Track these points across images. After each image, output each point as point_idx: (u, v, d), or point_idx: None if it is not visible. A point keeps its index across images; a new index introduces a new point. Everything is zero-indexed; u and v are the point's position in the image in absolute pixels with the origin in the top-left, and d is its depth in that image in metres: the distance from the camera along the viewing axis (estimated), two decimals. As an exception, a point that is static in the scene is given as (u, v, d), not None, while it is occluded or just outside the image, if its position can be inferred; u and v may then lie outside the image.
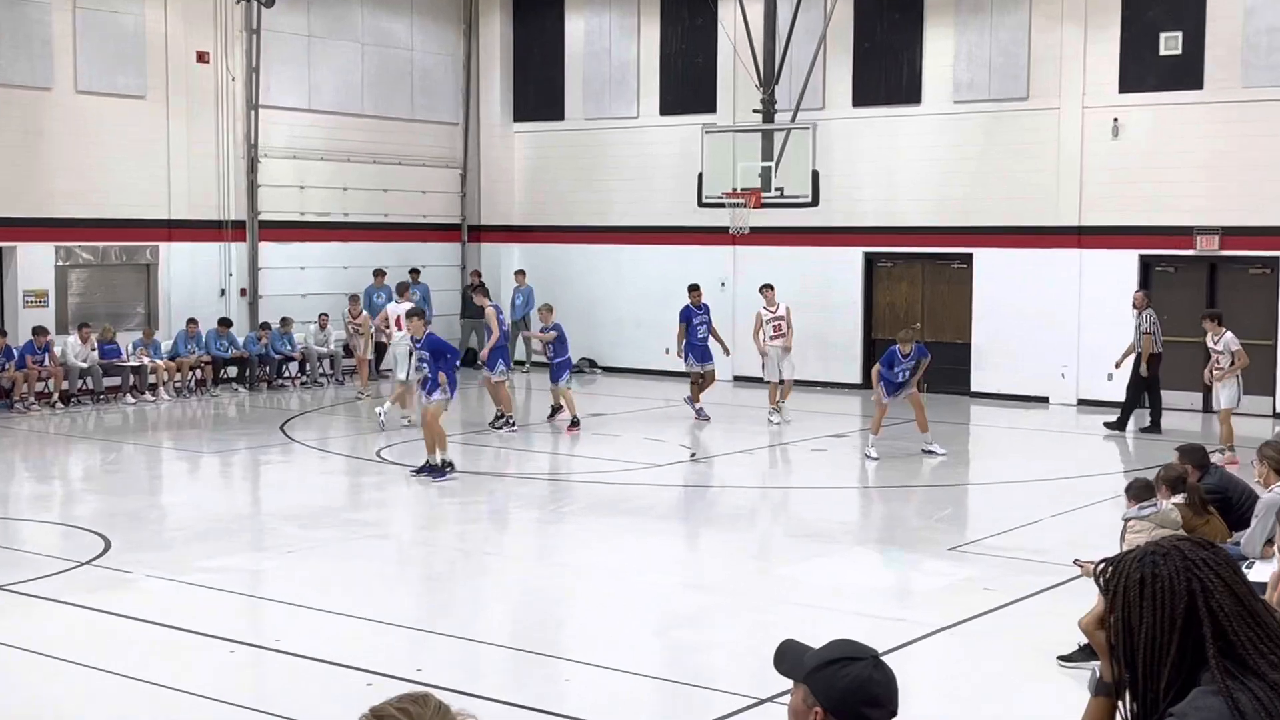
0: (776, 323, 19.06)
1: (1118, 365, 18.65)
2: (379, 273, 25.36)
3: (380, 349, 22.58)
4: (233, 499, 14.68)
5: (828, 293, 23.49)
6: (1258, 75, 19.89)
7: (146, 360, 21.29)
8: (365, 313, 23.13)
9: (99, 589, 10.24)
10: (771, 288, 19.57)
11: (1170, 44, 20.55)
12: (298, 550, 11.61)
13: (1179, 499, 9.07)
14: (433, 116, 26.59)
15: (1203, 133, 20.24)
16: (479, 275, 26.66)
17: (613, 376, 25.29)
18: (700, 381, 19.18)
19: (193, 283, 22.99)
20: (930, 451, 16.42)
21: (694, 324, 19.31)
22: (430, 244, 26.68)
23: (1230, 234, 20.21)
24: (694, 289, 19.74)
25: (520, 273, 26.13)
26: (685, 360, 19.45)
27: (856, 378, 23.02)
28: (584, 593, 10.48)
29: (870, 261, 23.43)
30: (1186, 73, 20.41)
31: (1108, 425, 18.61)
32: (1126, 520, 9.01)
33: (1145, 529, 8.66)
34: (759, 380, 21.78)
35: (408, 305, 18.37)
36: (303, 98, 24.42)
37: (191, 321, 22.09)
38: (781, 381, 19.19)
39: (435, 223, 26.80)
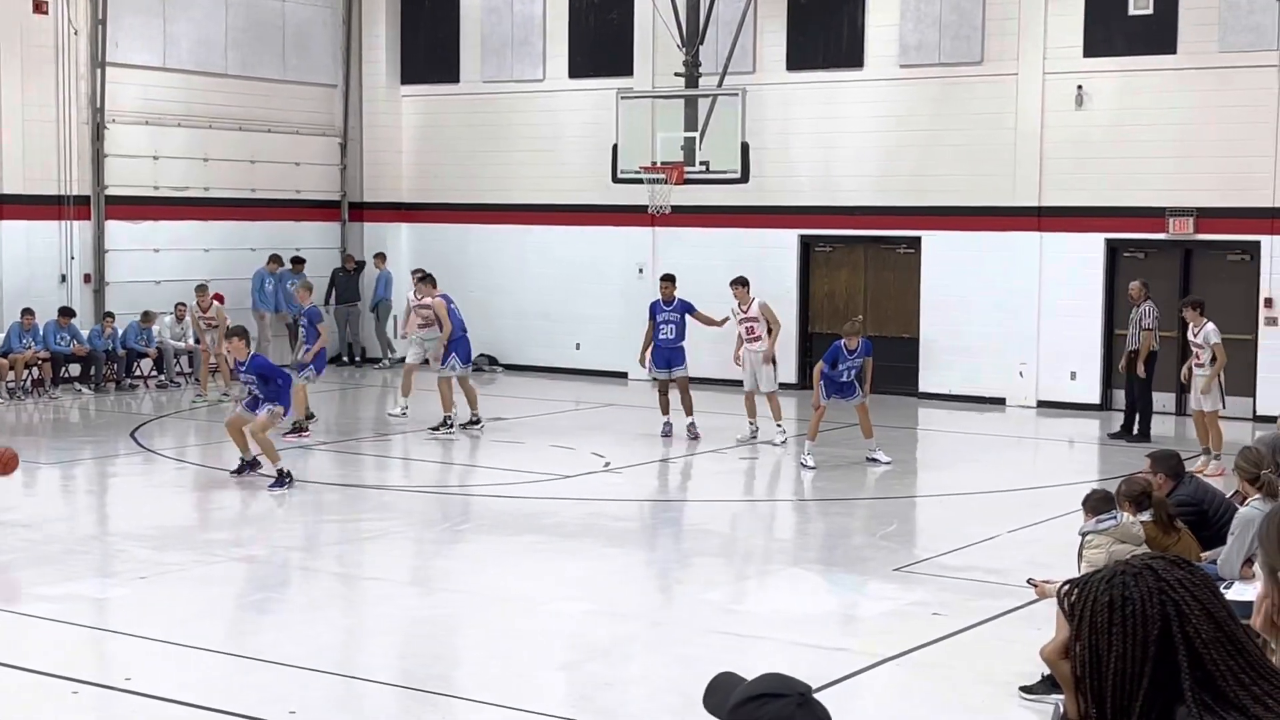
0: (749, 324, 18.18)
1: (1123, 368, 18.69)
2: (275, 258, 25.14)
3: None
4: (75, 517, 14.43)
5: (759, 281, 23.48)
6: (1238, 38, 20.24)
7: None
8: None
9: (-83, 623, 10.02)
10: (744, 283, 18.67)
11: (1140, 3, 20.88)
12: (150, 576, 11.44)
13: (1145, 517, 9.20)
14: (308, 77, 26.34)
15: (1176, 102, 20.57)
16: (354, 260, 26.52)
17: (515, 376, 25.22)
18: (667, 391, 18.33)
19: (28, 267, 22.56)
20: (875, 460, 16.58)
21: (658, 322, 18.46)
22: (305, 223, 26.43)
23: (1206, 216, 20.56)
24: (667, 280, 18.92)
25: (380, 256, 26.05)
26: (648, 366, 18.73)
27: (791, 376, 23.13)
28: (482, 623, 10.43)
29: (807, 245, 23.58)
30: (1158, 35, 20.74)
31: (1113, 436, 18.68)
32: (1083, 535, 9.12)
33: (1104, 544, 8.79)
34: (695, 380, 21.80)
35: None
36: (157, 54, 24.07)
37: (27, 312, 21.67)
38: (761, 394, 18.01)
39: (311, 199, 26.56)
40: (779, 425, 17.90)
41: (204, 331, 22.25)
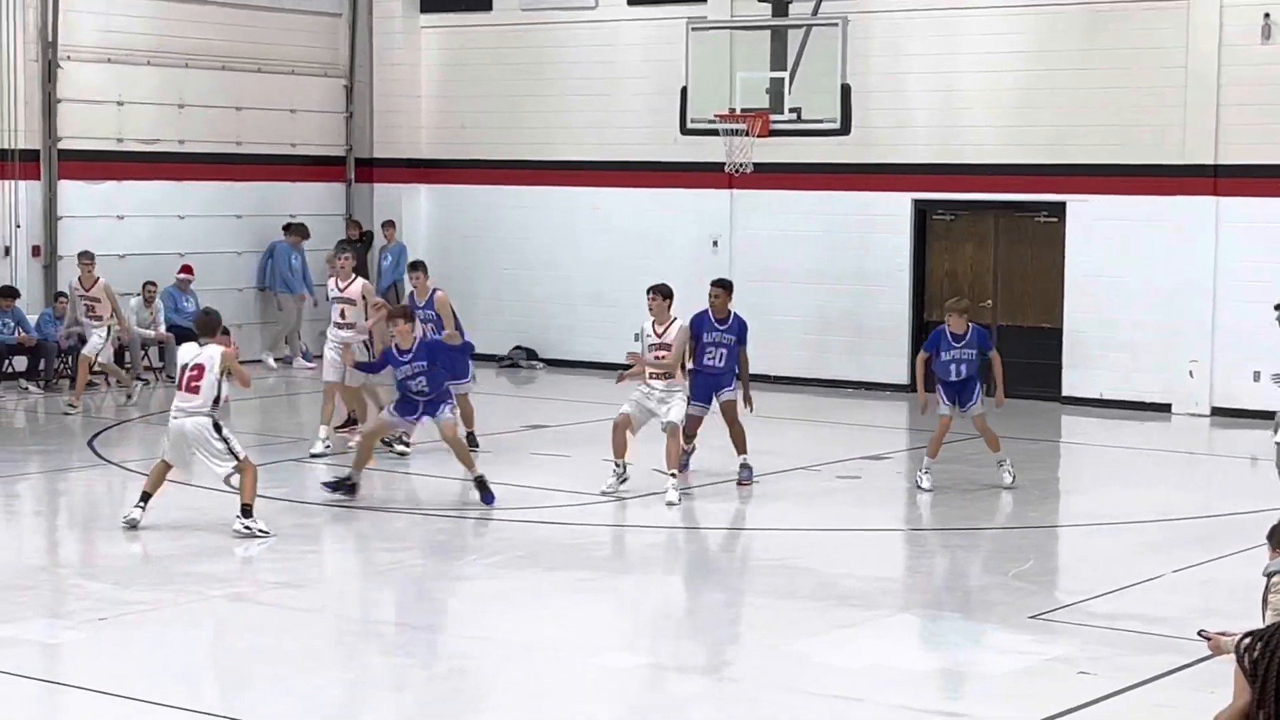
0: (660, 353, 16.00)
1: None
2: (292, 228, 25.40)
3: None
4: (20, 545, 14.58)
5: (863, 257, 23.57)
6: None
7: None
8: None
9: None
10: (664, 294, 16.20)
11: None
12: (111, 617, 11.54)
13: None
14: (306, 4, 26.51)
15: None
16: (360, 227, 26.66)
17: (560, 373, 25.27)
18: (695, 432, 16.96)
19: (-36, 237, 22.87)
20: (1003, 470, 16.41)
21: (703, 342, 16.78)
22: (302, 184, 26.62)
23: None
24: (721, 288, 17.08)
25: (390, 224, 26.18)
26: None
27: (902, 376, 23.04)
28: (515, 677, 10.46)
29: (922, 213, 23.50)
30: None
31: None
32: (1269, 576, 9.05)
33: (1295, 589, 8.71)
34: (765, 378, 21.86)
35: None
36: (122, -24, 24.35)
37: None
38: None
39: (309, 154, 26.73)
40: (673, 475, 15.77)
41: (84, 321, 21.57)
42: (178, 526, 14.44)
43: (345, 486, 15.60)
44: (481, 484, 15.36)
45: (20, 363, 22.67)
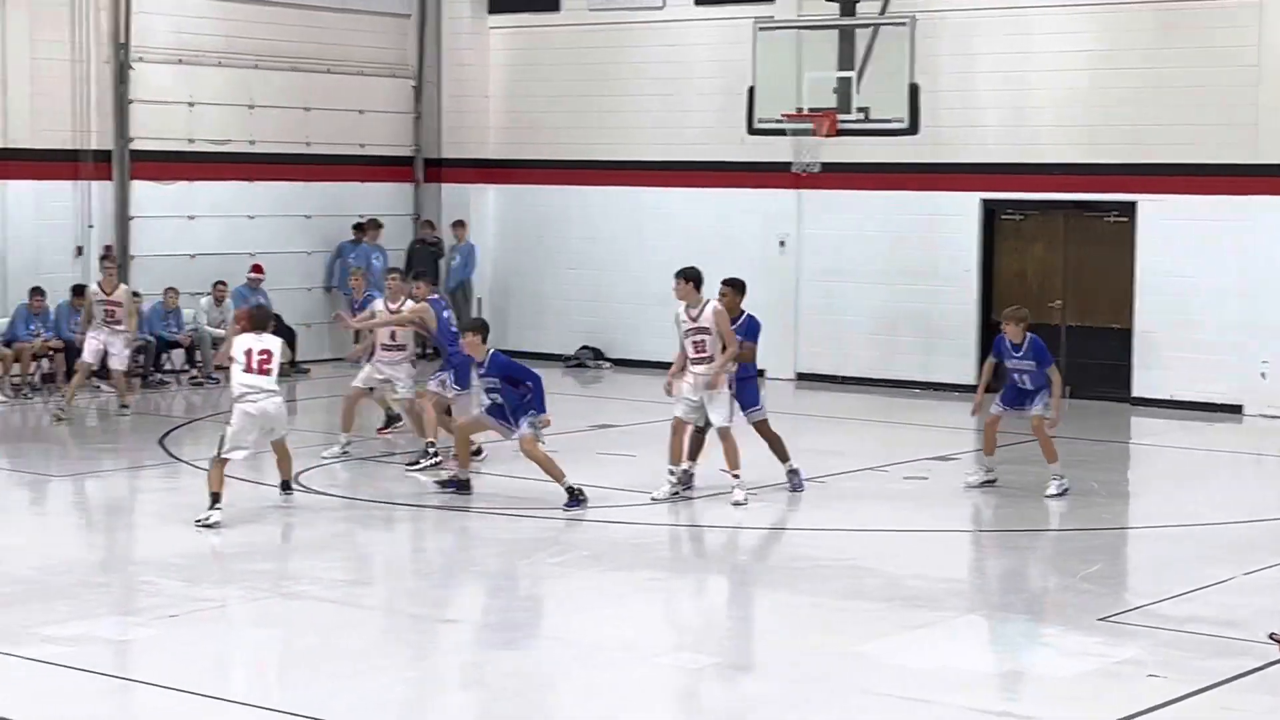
0: (697, 338, 15.75)
1: None
2: (361, 226, 25.54)
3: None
4: (92, 542, 14.70)
5: (932, 257, 23.48)
6: None
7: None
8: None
9: (-97, 666, 10.29)
10: (689, 277, 15.89)
11: None
12: (181, 614, 11.63)
13: None
14: (375, 5, 26.62)
15: None
16: (434, 229, 26.74)
17: (626, 372, 25.28)
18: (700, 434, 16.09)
19: (37, 237, 23.07)
20: (1052, 481, 16.12)
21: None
22: (371, 184, 26.74)
23: None
24: (729, 286, 16.42)
25: (460, 224, 26.21)
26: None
27: (970, 376, 22.93)
28: (580, 677, 10.48)
29: (991, 212, 23.40)
30: None
31: None
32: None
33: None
34: (832, 379, 21.85)
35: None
36: (193, -22, 24.53)
37: (36, 293, 22.16)
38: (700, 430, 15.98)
39: (378, 155, 26.84)
40: (736, 475, 15.64)
41: (102, 325, 20.49)
42: (247, 524, 14.53)
43: (455, 484, 15.81)
44: (572, 493, 15.27)
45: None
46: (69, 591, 12.18)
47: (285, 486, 15.05)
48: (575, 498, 15.23)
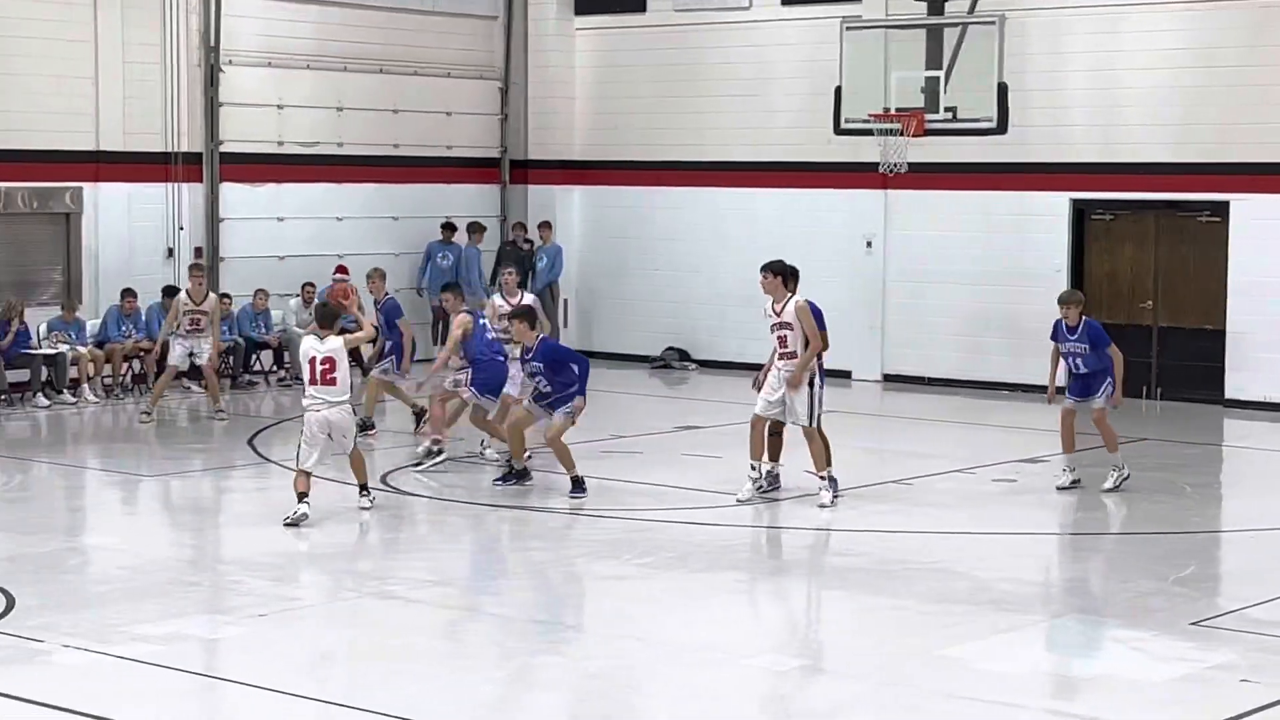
0: (780, 333, 15.58)
1: None
2: (450, 226, 25.68)
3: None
4: (182, 541, 14.84)
5: (1020, 258, 23.33)
6: None
7: (65, 348, 21.61)
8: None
9: (-3, 663, 10.42)
10: (775, 271, 15.72)
11: None
12: (271, 613, 11.72)
13: None
14: (462, 7, 26.73)
15: None
16: (524, 230, 26.81)
17: (711, 374, 25.26)
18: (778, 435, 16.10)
19: (129, 239, 23.30)
20: (1111, 472, 16.22)
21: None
22: (458, 186, 26.86)
23: None
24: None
25: (546, 226, 26.23)
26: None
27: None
28: (667, 678, 10.47)
29: (1081, 212, 23.23)
30: None
31: None
32: None
33: None
34: (919, 380, 21.78)
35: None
36: (282, -19, 24.72)
37: (128, 294, 22.39)
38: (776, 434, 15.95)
39: (465, 156, 26.95)
40: (823, 477, 15.57)
41: (186, 333, 20.36)
42: (334, 524, 14.62)
43: (516, 475, 16.00)
44: (577, 482, 15.77)
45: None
46: (159, 591, 12.30)
47: (363, 490, 15.01)
48: (579, 486, 15.68)
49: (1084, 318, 16.45)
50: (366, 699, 9.78)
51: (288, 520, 14.31)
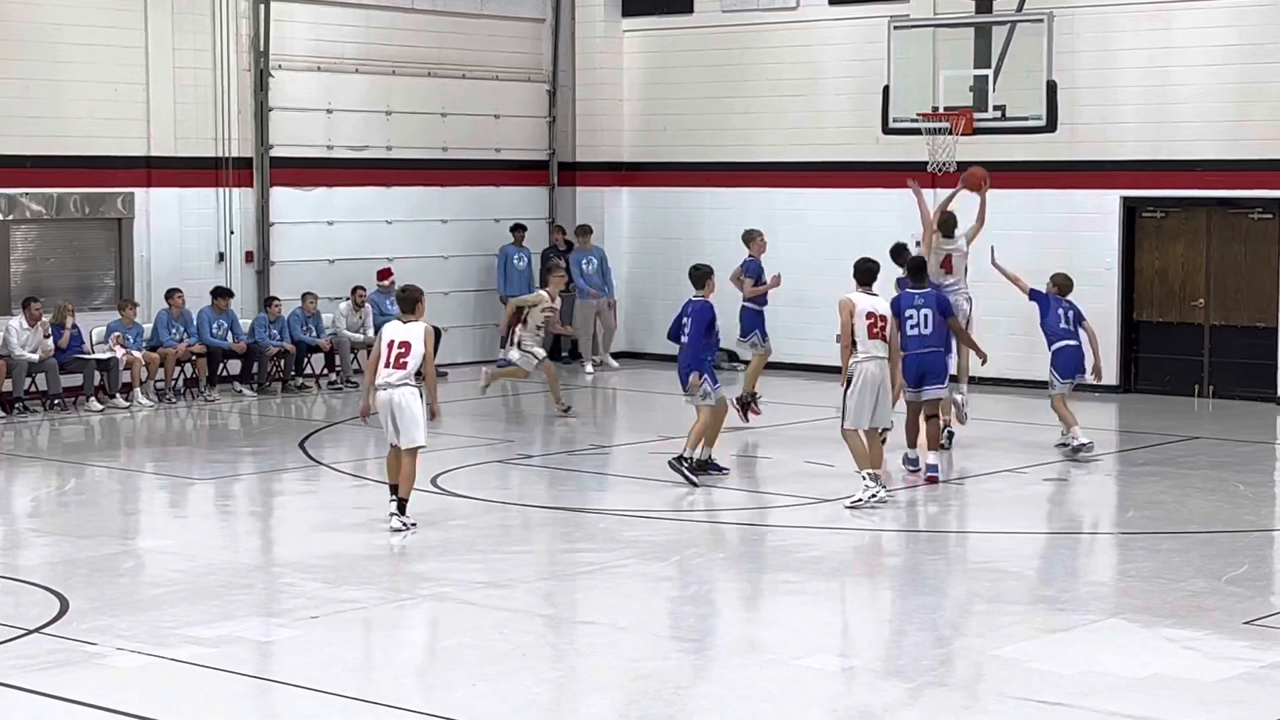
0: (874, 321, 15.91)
1: None
2: (520, 227, 25.98)
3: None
4: (235, 544, 14.92)
5: (1071, 256, 23.17)
6: None
7: (120, 351, 21.72)
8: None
9: (51, 667, 10.46)
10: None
11: None
12: (324, 615, 11.77)
13: None
14: (510, 10, 26.78)
15: None
16: (563, 232, 26.81)
17: (762, 375, 25.21)
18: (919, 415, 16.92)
19: (180, 244, 23.44)
20: (1066, 445, 17.67)
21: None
22: (507, 189, 26.89)
23: None
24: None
25: (585, 230, 26.19)
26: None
27: (1111, 376, 22.68)
28: (719, 679, 10.47)
29: (1132, 211, 23.12)
30: None
31: None
32: None
33: None
34: (969, 379, 21.66)
35: None
36: (331, -14, 24.82)
37: (174, 293, 22.48)
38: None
39: (513, 159, 27.00)
40: (864, 475, 15.63)
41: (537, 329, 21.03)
42: (386, 526, 14.66)
43: (712, 467, 16.48)
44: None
45: (234, 366, 23.17)
46: (212, 593, 12.36)
47: (400, 507, 14.43)
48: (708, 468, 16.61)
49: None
50: (418, 701, 9.80)
51: (394, 529, 14.30)
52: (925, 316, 16.66)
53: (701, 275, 16.75)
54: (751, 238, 20.55)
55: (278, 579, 13.11)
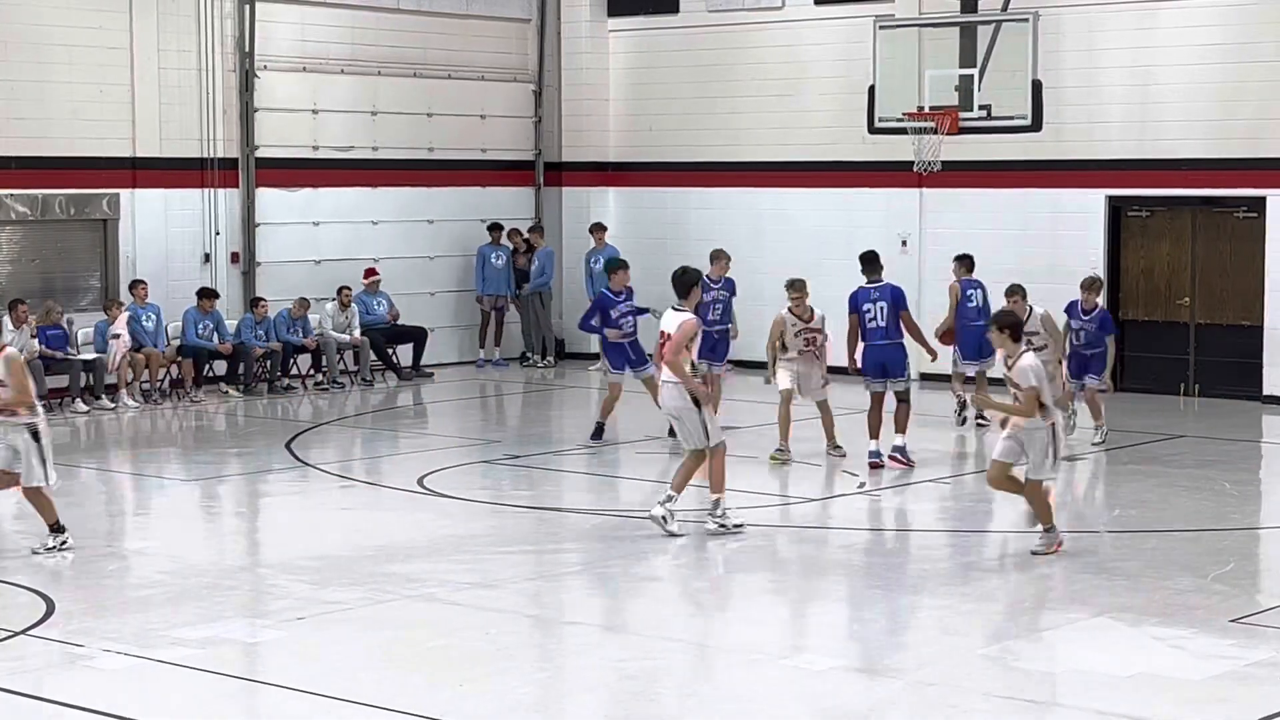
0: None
1: None
2: (496, 227, 25.88)
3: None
4: (221, 545, 14.90)
5: (1056, 255, 23.24)
6: None
7: (124, 345, 21.66)
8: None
9: (37, 669, 10.46)
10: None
11: None
12: (310, 617, 11.76)
13: None
14: (495, 10, 26.77)
15: None
16: (520, 234, 26.66)
17: (749, 374, 25.25)
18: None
19: (165, 245, 23.40)
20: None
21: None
22: (493, 189, 26.89)
23: None
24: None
25: (599, 228, 26.20)
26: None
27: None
28: (705, 679, 10.48)
29: (1117, 210, 23.15)
30: None
31: None
32: None
33: None
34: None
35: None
36: (316, -14, 24.80)
37: (138, 284, 22.44)
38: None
39: (499, 159, 26.99)
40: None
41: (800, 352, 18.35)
42: (373, 526, 14.65)
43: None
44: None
45: (220, 367, 23.15)
46: (199, 594, 12.35)
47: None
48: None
49: (1100, 307, 18.56)
50: (405, 702, 9.80)
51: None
52: (881, 309, 17.00)
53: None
54: (716, 257, 20.39)
55: (264, 580, 13.10)
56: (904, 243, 24.21)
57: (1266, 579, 13.46)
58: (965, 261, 20.02)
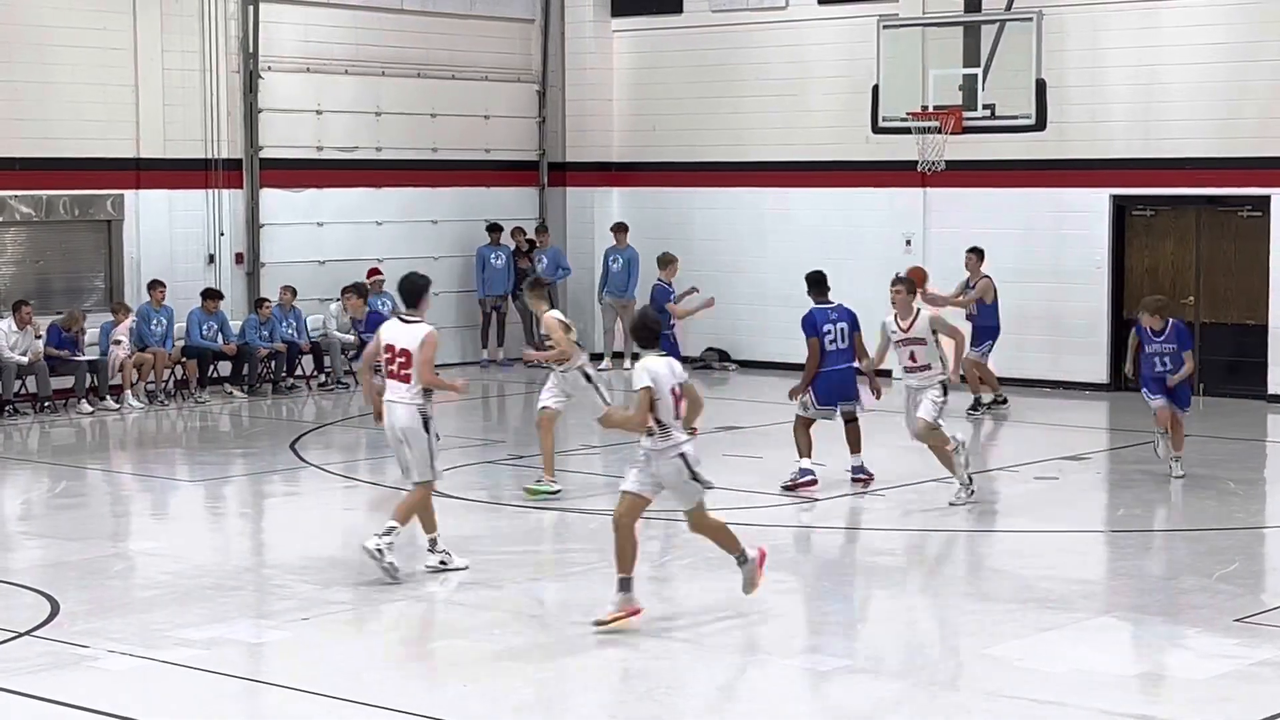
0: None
1: None
2: (495, 228, 25.88)
3: None
4: (225, 546, 14.90)
5: (1061, 255, 23.26)
6: None
7: (124, 352, 21.69)
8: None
9: (42, 669, 10.46)
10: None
11: None
12: (314, 617, 11.77)
13: None
14: (499, 11, 26.78)
15: None
16: (523, 233, 26.64)
17: (752, 374, 25.25)
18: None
19: (170, 246, 23.41)
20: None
21: (821, 330, 16.29)
22: (496, 189, 26.89)
23: None
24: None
25: (621, 228, 26.20)
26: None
27: (1101, 375, 22.75)
28: (708, 678, 10.48)
29: (1121, 209, 23.14)
30: None
31: None
32: None
33: None
34: (961, 377, 21.68)
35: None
36: (319, -13, 24.82)
37: (211, 295, 22.55)
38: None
39: (503, 159, 27.00)
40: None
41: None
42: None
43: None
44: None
45: (224, 367, 23.16)
46: (203, 595, 12.36)
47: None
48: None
49: (1170, 320, 16.53)
50: (409, 702, 9.81)
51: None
52: (842, 330, 16.30)
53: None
54: (668, 262, 20.41)
55: (268, 581, 13.11)
56: (908, 242, 24.21)
57: (1271, 578, 13.46)
58: (977, 253, 20.26)
